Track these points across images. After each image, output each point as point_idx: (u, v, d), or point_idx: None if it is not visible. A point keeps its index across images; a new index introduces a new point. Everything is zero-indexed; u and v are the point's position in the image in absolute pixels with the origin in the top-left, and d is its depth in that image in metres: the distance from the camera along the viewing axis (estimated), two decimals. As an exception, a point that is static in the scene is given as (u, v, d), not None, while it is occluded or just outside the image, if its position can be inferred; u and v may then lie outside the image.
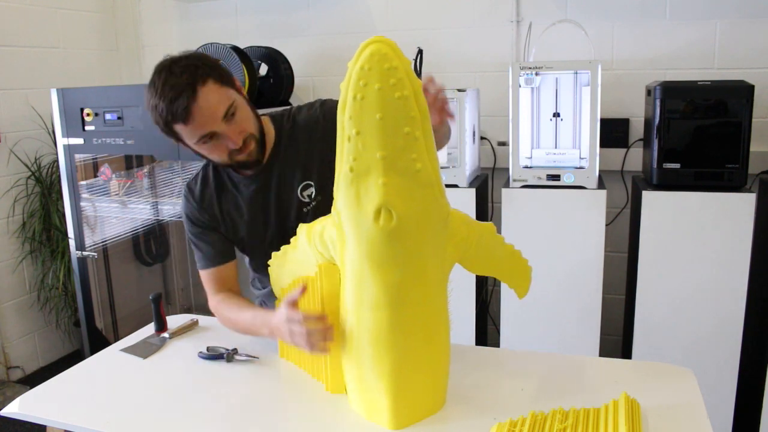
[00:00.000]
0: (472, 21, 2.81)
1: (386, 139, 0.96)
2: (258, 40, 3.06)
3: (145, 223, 2.93)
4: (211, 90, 1.22)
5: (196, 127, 1.23)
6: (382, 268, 1.05)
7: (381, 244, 1.02)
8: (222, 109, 1.24)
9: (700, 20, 2.53)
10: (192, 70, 1.21)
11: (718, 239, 2.15)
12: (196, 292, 3.12)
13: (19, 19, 2.97)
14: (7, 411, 1.26)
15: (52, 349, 3.25)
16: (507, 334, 2.43)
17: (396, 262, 1.04)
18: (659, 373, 1.29)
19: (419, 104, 0.97)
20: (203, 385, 1.32)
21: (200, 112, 1.21)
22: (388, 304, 1.06)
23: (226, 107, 1.24)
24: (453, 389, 1.25)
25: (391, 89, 0.93)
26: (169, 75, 1.21)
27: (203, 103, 1.21)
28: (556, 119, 2.36)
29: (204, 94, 1.21)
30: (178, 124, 1.23)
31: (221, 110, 1.24)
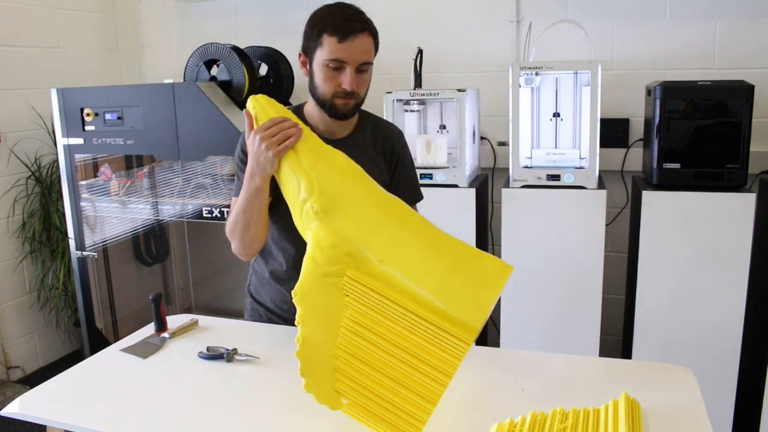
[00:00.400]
0: (472, 21, 2.81)
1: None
2: (258, 40, 3.06)
3: (145, 223, 2.93)
4: (370, 44, 1.41)
5: (342, 49, 1.37)
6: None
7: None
8: (366, 58, 1.40)
9: (700, 20, 2.53)
10: (367, 19, 1.41)
11: (718, 239, 2.15)
12: (196, 292, 3.13)
13: (19, 19, 2.98)
14: (7, 411, 1.26)
15: (52, 349, 3.25)
16: (507, 334, 2.43)
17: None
18: (659, 373, 1.29)
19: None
20: (203, 385, 1.32)
21: (357, 42, 1.37)
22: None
23: (366, 60, 1.40)
24: (453, 389, 1.25)
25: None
26: (353, 9, 1.40)
27: (363, 41, 1.38)
28: (556, 119, 2.36)
29: (366, 39, 1.39)
30: (333, 37, 1.36)
31: (364, 58, 1.40)
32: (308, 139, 1.29)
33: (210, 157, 2.56)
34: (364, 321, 1.13)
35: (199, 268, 3.03)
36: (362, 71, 1.41)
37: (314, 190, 1.22)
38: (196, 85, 2.44)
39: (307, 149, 1.27)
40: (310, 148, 1.27)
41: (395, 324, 1.12)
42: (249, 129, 1.33)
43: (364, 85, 1.44)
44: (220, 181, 2.71)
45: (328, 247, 1.17)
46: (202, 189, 2.71)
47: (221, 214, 2.55)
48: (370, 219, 1.19)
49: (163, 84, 2.55)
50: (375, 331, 1.12)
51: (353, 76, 1.39)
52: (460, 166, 2.40)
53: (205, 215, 2.59)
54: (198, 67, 2.62)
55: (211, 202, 2.62)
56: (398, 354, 1.11)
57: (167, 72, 3.31)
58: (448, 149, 2.49)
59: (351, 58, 1.38)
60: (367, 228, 1.18)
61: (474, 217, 2.41)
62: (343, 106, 1.42)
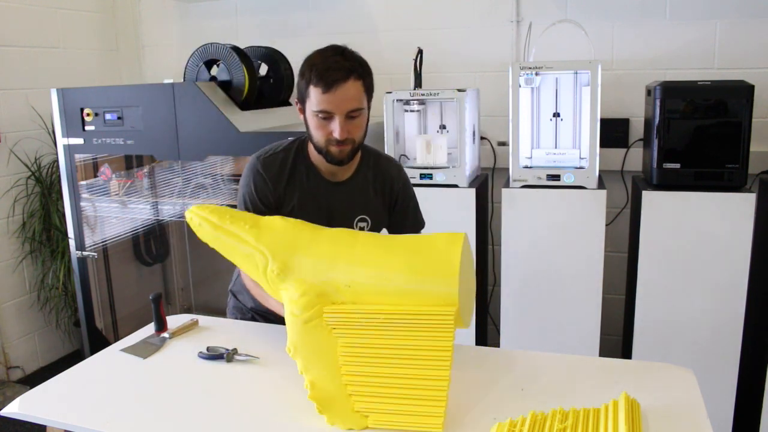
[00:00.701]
0: (472, 21, 2.81)
1: None
2: (258, 40, 3.06)
3: (145, 223, 2.93)
4: (358, 89, 1.40)
5: (328, 101, 1.38)
6: None
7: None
8: (353, 105, 1.40)
9: (700, 20, 2.53)
10: (358, 66, 1.40)
11: (718, 239, 2.15)
12: (196, 292, 3.13)
13: (19, 19, 2.98)
14: (7, 411, 1.26)
15: (52, 349, 3.25)
16: (507, 334, 2.43)
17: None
18: (659, 373, 1.29)
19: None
20: (203, 385, 1.32)
21: (341, 92, 1.37)
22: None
23: (355, 107, 1.40)
24: (453, 389, 1.25)
25: None
26: (341, 54, 1.40)
27: (349, 89, 1.38)
28: (556, 119, 2.36)
29: (352, 86, 1.38)
30: (317, 88, 1.38)
31: (352, 106, 1.40)
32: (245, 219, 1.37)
33: (210, 157, 2.56)
34: (357, 342, 1.21)
35: (199, 268, 3.04)
36: (353, 117, 1.41)
37: (268, 258, 1.30)
38: (196, 85, 2.44)
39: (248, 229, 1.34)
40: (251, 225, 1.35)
41: (383, 330, 1.20)
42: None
43: (358, 130, 1.44)
44: (220, 181, 2.71)
45: (300, 296, 1.24)
46: (202, 189, 2.71)
47: (221, 214, 2.54)
48: (323, 256, 1.28)
49: (163, 84, 2.55)
50: (369, 345, 1.20)
51: (343, 124, 1.39)
52: (460, 166, 2.40)
53: (205, 215, 2.59)
54: (198, 67, 2.62)
55: (211, 202, 2.62)
56: (397, 354, 1.18)
57: (167, 72, 3.31)
58: (448, 149, 2.49)
59: (337, 108, 1.38)
60: (325, 264, 1.27)
61: (474, 217, 2.41)
62: (338, 153, 1.44)
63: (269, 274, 1.29)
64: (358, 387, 1.18)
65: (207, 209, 1.37)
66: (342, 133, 1.40)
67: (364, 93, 1.42)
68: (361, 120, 1.43)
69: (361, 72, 1.40)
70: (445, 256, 1.21)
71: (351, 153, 1.46)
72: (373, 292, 1.22)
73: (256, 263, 1.31)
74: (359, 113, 1.42)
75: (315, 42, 1.42)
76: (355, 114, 1.41)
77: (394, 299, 1.21)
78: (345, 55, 1.40)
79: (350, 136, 1.42)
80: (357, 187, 1.57)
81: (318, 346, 1.22)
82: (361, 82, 1.40)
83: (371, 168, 1.59)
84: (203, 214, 1.36)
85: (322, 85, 1.36)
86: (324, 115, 1.39)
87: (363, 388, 1.18)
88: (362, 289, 1.23)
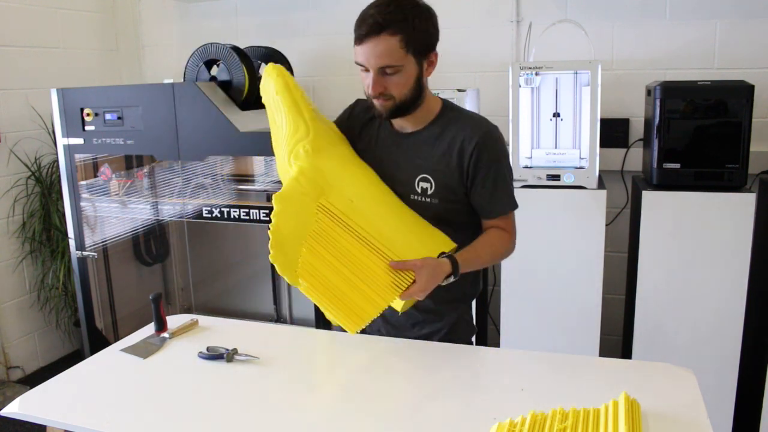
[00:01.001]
0: (472, 21, 2.81)
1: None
2: (258, 40, 3.06)
3: (145, 223, 2.93)
4: (390, 45, 1.30)
5: (359, 53, 1.34)
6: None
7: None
8: (383, 62, 1.32)
9: (700, 20, 2.53)
10: (396, 19, 1.30)
11: (718, 239, 2.15)
12: (196, 292, 3.13)
13: (19, 19, 2.98)
14: (7, 411, 1.26)
15: (52, 349, 3.25)
16: (507, 334, 2.43)
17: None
18: (659, 373, 1.29)
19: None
20: (203, 385, 1.32)
21: (370, 46, 1.31)
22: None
23: (386, 63, 1.32)
24: (453, 389, 1.26)
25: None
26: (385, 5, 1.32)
27: (379, 44, 1.30)
28: (556, 119, 2.36)
29: (384, 41, 1.30)
30: (355, 39, 1.35)
31: (382, 62, 1.32)
32: (311, 103, 1.47)
33: (210, 157, 2.56)
34: (331, 233, 1.34)
35: (199, 268, 3.04)
36: (388, 74, 1.33)
37: (309, 135, 1.41)
38: (196, 85, 2.44)
39: (309, 108, 1.45)
40: (314, 109, 1.45)
41: (358, 242, 1.35)
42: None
43: (396, 87, 1.35)
44: (220, 181, 2.71)
45: (311, 176, 1.38)
46: (202, 189, 2.71)
47: (221, 214, 2.55)
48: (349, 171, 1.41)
49: (163, 84, 2.55)
50: (340, 243, 1.34)
51: (376, 79, 1.33)
52: (460, 166, 2.39)
53: (205, 215, 2.59)
54: (198, 67, 2.62)
55: (211, 202, 2.62)
56: (356, 263, 1.33)
57: (167, 72, 3.31)
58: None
59: (367, 62, 1.33)
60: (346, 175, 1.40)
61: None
62: (380, 106, 1.38)
63: (300, 145, 1.39)
64: (311, 258, 1.31)
65: (297, 89, 1.46)
66: (374, 88, 1.34)
67: (403, 48, 1.31)
68: (400, 77, 1.34)
69: (401, 26, 1.30)
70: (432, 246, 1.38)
71: (393, 108, 1.38)
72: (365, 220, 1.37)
73: (295, 130, 1.41)
74: (395, 69, 1.32)
75: (315, 42, 1.42)
76: (389, 71, 1.32)
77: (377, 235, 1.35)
78: (388, 6, 1.30)
79: (387, 91, 1.35)
80: (422, 141, 1.45)
81: (299, 210, 1.35)
82: (399, 36, 1.30)
83: (447, 124, 1.45)
84: (285, 72, 1.47)
85: (356, 37, 1.33)
86: (361, 67, 1.35)
87: (313, 260, 1.31)
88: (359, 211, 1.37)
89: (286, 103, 1.44)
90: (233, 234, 2.94)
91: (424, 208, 1.44)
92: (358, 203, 1.38)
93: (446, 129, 1.44)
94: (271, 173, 2.68)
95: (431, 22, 1.38)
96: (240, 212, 2.51)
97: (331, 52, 3.01)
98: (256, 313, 2.88)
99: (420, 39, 1.34)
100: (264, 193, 2.64)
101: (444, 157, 1.43)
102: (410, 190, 1.46)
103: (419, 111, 1.43)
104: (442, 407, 1.20)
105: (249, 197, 2.63)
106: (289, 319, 2.82)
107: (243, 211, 2.50)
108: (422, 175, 1.44)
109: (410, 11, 1.32)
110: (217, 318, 1.67)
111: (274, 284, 2.79)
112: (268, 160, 2.68)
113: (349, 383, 1.32)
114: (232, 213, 2.52)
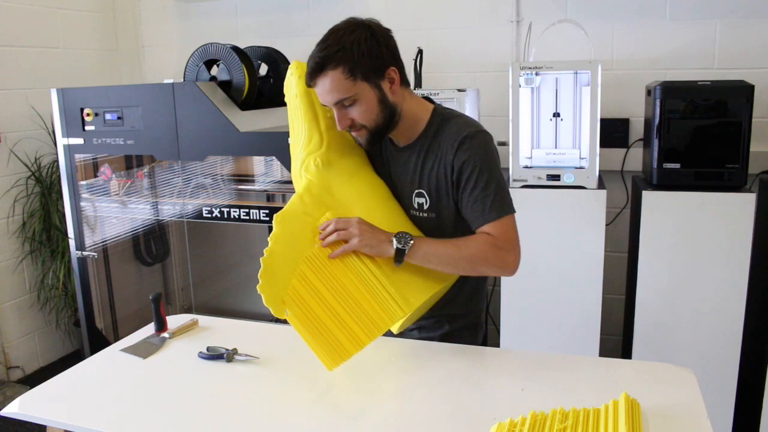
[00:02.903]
0: (472, 21, 2.81)
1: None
2: (258, 40, 3.06)
3: (145, 223, 2.93)
4: (336, 78, 1.29)
5: (318, 95, 1.35)
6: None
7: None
8: (334, 97, 1.31)
9: (700, 20, 2.53)
10: (330, 50, 1.29)
11: (718, 239, 2.15)
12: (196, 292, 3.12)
13: (19, 19, 2.98)
14: (7, 411, 1.26)
15: (52, 349, 3.25)
16: (507, 334, 2.42)
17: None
18: (659, 373, 1.29)
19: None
20: (203, 385, 1.32)
21: (320, 84, 1.32)
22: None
23: (338, 98, 1.31)
24: (453, 389, 1.26)
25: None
26: (322, 42, 1.32)
27: (325, 81, 1.30)
28: (556, 119, 2.36)
29: (330, 77, 1.30)
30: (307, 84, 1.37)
31: (332, 98, 1.32)
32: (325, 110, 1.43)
33: (210, 157, 2.56)
34: (325, 260, 1.33)
35: (199, 268, 3.03)
36: (347, 106, 1.32)
37: (322, 147, 1.40)
38: (196, 85, 2.44)
39: (327, 117, 1.43)
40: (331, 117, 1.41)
41: (350, 272, 1.33)
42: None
43: (363, 116, 1.32)
44: (220, 181, 2.71)
45: (318, 193, 1.38)
46: (202, 189, 2.71)
47: (221, 214, 2.55)
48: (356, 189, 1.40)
49: (163, 84, 2.54)
50: (331, 271, 1.32)
51: (340, 114, 1.33)
52: (460, 166, 2.39)
53: (205, 215, 2.59)
54: (198, 67, 2.61)
55: (211, 202, 2.62)
56: (344, 295, 1.31)
57: (167, 72, 3.31)
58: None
59: (324, 101, 1.34)
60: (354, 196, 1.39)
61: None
62: (357, 137, 1.38)
63: (311, 158, 1.39)
64: (299, 286, 1.31)
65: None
66: (341, 124, 1.34)
67: (350, 78, 1.28)
68: (360, 105, 1.31)
69: (340, 57, 1.27)
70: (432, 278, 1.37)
71: (370, 136, 1.36)
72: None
73: (309, 140, 1.41)
74: (350, 101, 1.30)
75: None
76: (346, 102, 1.31)
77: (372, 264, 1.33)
78: (325, 42, 1.30)
79: (355, 122, 1.34)
80: (414, 156, 1.42)
81: (298, 235, 1.34)
82: (340, 68, 1.27)
83: (435, 134, 1.40)
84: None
85: (307, 79, 1.34)
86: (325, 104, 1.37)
87: (301, 290, 1.31)
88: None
89: (304, 108, 1.43)
90: (233, 234, 2.94)
91: (422, 223, 1.43)
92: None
93: (434, 140, 1.40)
94: (271, 173, 2.69)
95: (376, 41, 1.31)
96: (240, 212, 2.51)
97: (331, 52, 3.00)
98: (256, 313, 2.87)
99: (366, 63, 1.29)
100: (264, 193, 2.64)
101: (433, 170, 1.40)
102: (409, 206, 1.45)
103: (404, 126, 1.40)
104: (442, 407, 1.20)
105: (249, 197, 2.63)
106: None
107: (243, 211, 2.50)
108: (417, 190, 1.43)
109: (348, 39, 1.28)
110: (217, 318, 1.67)
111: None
112: (268, 160, 2.68)
113: (349, 383, 1.32)
114: (232, 213, 2.52)
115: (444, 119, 1.41)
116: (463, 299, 1.50)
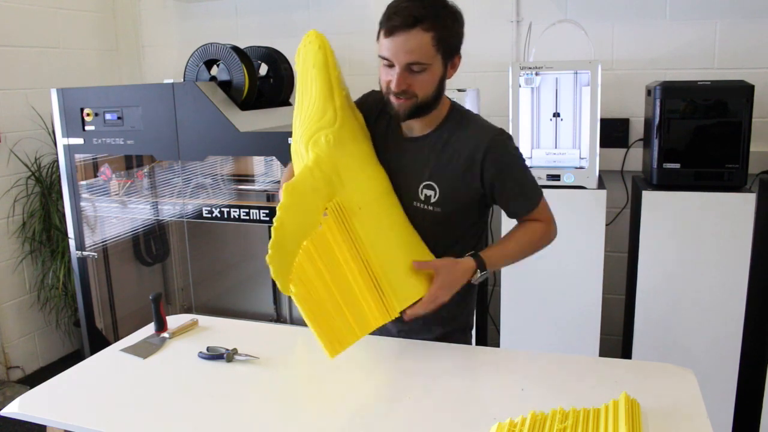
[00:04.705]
0: (472, 21, 2.78)
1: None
2: (258, 40, 3.06)
3: (145, 223, 2.93)
4: (422, 41, 1.25)
5: (387, 47, 1.28)
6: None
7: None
8: (412, 58, 1.26)
9: (700, 20, 2.53)
10: (432, 15, 1.25)
11: (718, 239, 2.15)
12: (196, 292, 3.12)
13: (19, 19, 2.98)
14: (7, 411, 1.26)
15: (52, 349, 3.25)
16: (507, 334, 2.43)
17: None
18: (659, 373, 1.29)
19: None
20: (203, 385, 1.32)
21: (400, 41, 1.26)
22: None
23: (414, 59, 1.27)
24: (453, 389, 1.26)
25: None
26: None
27: (410, 39, 1.25)
28: (556, 119, 2.36)
29: (415, 36, 1.25)
30: (382, 31, 1.29)
31: (410, 58, 1.27)
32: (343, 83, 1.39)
33: (210, 157, 2.56)
34: (332, 242, 1.30)
35: (199, 268, 3.03)
36: (415, 71, 1.28)
37: (335, 125, 1.34)
38: (196, 85, 2.44)
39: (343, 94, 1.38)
40: (347, 96, 1.40)
41: (352, 259, 1.30)
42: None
43: (421, 86, 1.30)
44: (220, 181, 2.71)
45: (327, 171, 1.32)
46: (202, 189, 2.71)
47: (221, 214, 2.55)
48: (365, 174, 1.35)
49: (163, 84, 2.55)
50: (335, 255, 1.30)
51: (401, 75, 1.28)
52: (460, 166, 2.39)
53: (205, 215, 2.59)
54: (198, 67, 2.62)
55: (211, 202, 2.62)
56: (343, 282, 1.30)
57: (167, 72, 3.31)
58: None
59: (395, 57, 1.27)
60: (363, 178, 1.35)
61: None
62: (397, 105, 1.32)
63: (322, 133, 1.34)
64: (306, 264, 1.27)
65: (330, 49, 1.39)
66: (398, 85, 1.28)
67: (434, 46, 1.26)
68: (426, 76, 1.29)
69: (434, 23, 1.25)
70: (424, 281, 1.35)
71: (413, 108, 1.32)
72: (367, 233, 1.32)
73: (322, 114, 1.35)
74: (422, 68, 1.27)
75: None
76: (416, 68, 1.27)
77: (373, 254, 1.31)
78: (423, 1, 1.25)
79: (411, 89, 1.29)
80: (429, 147, 1.40)
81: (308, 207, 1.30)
82: (431, 33, 1.25)
83: (454, 129, 1.40)
84: (327, 45, 1.38)
85: (385, 29, 1.27)
86: (386, 62, 1.29)
87: (308, 268, 1.28)
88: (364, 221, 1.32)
89: (320, 81, 1.37)
90: (233, 234, 2.94)
91: (425, 216, 1.41)
92: (365, 212, 1.33)
93: (453, 134, 1.40)
94: (271, 173, 2.69)
95: (460, 24, 1.33)
96: (240, 212, 2.51)
97: (331, 52, 3.00)
98: (256, 313, 2.88)
99: (450, 39, 1.30)
100: (264, 193, 2.64)
101: (451, 163, 1.39)
102: (413, 197, 1.42)
103: (429, 114, 1.39)
104: (442, 407, 1.20)
105: (249, 197, 2.64)
106: (289, 319, 2.82)
107: (243, 211, 2.50)
108: (427, 182, 1.41)
109: (443, 10, 1.28)
110: (217, 318, 1.67)
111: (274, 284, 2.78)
112: (268, 160, 2.68)
113: (348, 383, 1.32)
114: (232, 213, 2.52)
115: (463, 117, 1.43)
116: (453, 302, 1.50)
